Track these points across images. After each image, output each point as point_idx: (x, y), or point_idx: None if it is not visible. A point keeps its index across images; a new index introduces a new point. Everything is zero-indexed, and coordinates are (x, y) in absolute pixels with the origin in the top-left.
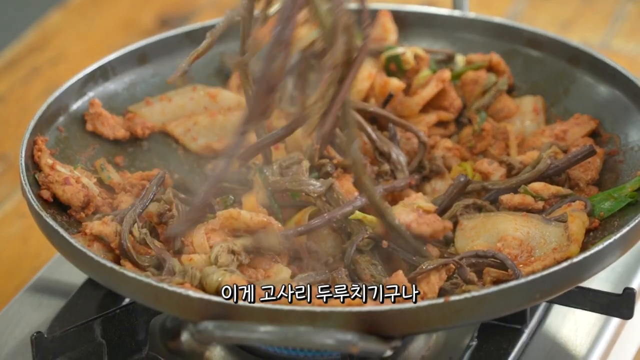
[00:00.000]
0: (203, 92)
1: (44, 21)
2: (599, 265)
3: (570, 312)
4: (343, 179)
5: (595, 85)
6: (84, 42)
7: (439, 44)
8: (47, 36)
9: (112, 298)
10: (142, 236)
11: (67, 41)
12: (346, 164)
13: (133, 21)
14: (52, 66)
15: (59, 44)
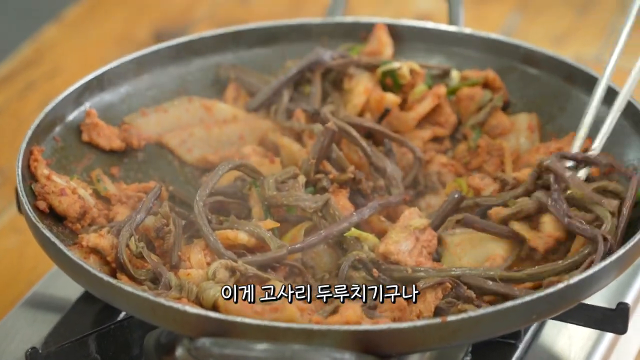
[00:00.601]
0: (199, 103)
1: (39, 36)
2: (595, 287)
3: (564, 327)
4: (339, 194)
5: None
6: (79, 56)
7: (435, 59)
8: (42, 51)
9: (106, 313)
10: (138, 250)
11: (62, 56)
12: (342, 179)
13: (128, 35)
14: (47, 80)
15: (54, 59)
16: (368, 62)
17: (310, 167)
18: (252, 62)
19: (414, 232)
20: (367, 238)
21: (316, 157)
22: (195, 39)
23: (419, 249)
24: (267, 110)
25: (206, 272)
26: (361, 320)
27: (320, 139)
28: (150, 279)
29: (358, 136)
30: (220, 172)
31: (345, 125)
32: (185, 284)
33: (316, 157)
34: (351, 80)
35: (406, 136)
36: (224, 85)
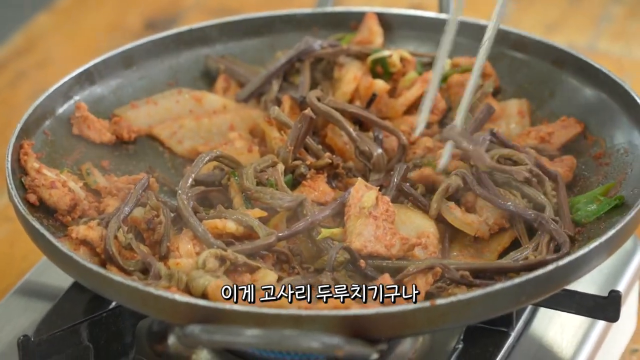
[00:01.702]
0: (188, 95)
1: (30, 25)
2: (585, 268)
3: (556, 315)
4: (317, 179)
5: (581, 88)
6: (71, 45)
7: (425, 47)
8: (33, 40)
9: (98, 301)
10: (127, 241)
11: (53, 45)
12: (319, 164)
13: (119, 24)
14: (38, 69)
15: (46, 48)
16: (358, 50)
17: (287, 155)
18: (242, 53)
19: (370, 212)
20: (336, 234)
21: (293, 144)
22: (185, 31)
23: (382, 228)
24: (257, 101)
25: (196, 262)
26: (350, 305)
27: (297, 126)
28: (140, 270)
29: (343, 119)
30: (200, 164)
31: (330, 109)
32: (175, 273)
33: (293, 144)
34: (341, 69)
35: (395, 122)
36: (214, 76)
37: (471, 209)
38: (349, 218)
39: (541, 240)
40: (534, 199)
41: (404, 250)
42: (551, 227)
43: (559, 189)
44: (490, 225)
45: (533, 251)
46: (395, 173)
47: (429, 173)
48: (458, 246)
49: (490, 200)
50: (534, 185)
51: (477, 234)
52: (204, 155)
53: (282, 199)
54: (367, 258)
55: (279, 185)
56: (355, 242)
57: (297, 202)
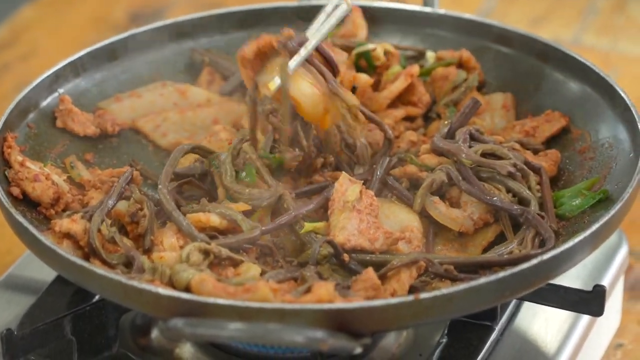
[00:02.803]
0: (172, 88)
1: (15, 17)
2: (569, 263)
3: (540, 309)
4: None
5: (566, 82)
6: (55, 37)
7: (409, 40)
8: (17, 32)
9: (82, 295)
10: (110, 235)
11: (38, 37)
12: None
13: (104, 17)
14: (23, 62)
15: (30, 40)
16: (342, 44)
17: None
18: (228, 47)
19: (354, 206)
20: (319, 228)
21: (250, 123)
22: (170, 24)
23: (366, 222)
24: (241, 94)
25: (179, 255)
26: (334, 298)
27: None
28: (123, 263)
29: None
30: (177, 156)
31: None
32: (159, 267)
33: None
34: None
35: (379, 115)
36: (198, 69)
37: (455, 204)
38: (333, 212)
39: (526, 235)
40: (519, 193)
41: (387, 244)
42: (537, 222)
43: (543, 183)
44: (475, 220)
45: (518, 246)
46: (378, 166)
47: (413, 170)
48: (442, 240)
49: (475, 195)
50: (518, 180)
51: (462, 229)
52: (180, 148)
53: (261, 198)
54: (351, 252)
55: (259, 172)
56: (338, 235)
57: (276, 197)
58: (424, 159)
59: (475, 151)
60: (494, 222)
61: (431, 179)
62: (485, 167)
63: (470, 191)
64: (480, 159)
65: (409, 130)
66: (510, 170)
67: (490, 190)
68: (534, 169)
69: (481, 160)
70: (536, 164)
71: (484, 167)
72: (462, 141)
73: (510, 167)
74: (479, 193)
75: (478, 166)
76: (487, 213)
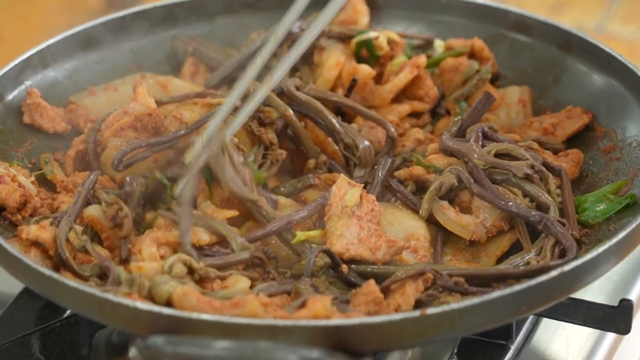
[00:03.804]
0: (153, 80)
1: None
2: (592, 275)
3: (560, 327)
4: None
5: (589, 74)
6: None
7: (416, 28)
8: None
9: (51, 309)
10: (81, 244)
11: (4, 23)
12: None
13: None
14: None
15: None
16: (341, 32)
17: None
18: (212, 34)
19: (353, 212)
20: (314, 237)
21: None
22: (149, 9)
23: (366, 229)
24: (229, 87)
25: (161, 266)
26: (331, 314)
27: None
28: (97, 275)
29: (325, 110)
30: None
31: (310, 98)
32: (137, 278)
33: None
34: (322, 53)
35: (382, 111)
36: (181, 60)
37: (467, 210)
38: (330, 218)
39: (545, 244)
40: (537, 197)
41: (390, 254)
42: (557, 230)
43: (564, 186)
44: (488, 227)
45: (536, 256)
46: (379, 167)
47: (419, 172)
48: (452, 250)
49: (489, 200)
50: (536, 183)
51: (473, 238)
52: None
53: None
54: (350, 263)
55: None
56: (336, 244)
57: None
58: (432, 159)
59: (489, 151)
60: (509, 229)
61: (439, 182)
62: (499, 169)
63: (483, 195)
64: (494, 160)
65: (415, 127)
66: (528, 172)
67: (505, 195)
68: (553, 170)
69: (495, 161)
70: (556, 166)
71: (498, 169)
72: (473, 140)
73: (528, 169)
74: (493, 197)
75: (491, 167)
76: (502, 220)
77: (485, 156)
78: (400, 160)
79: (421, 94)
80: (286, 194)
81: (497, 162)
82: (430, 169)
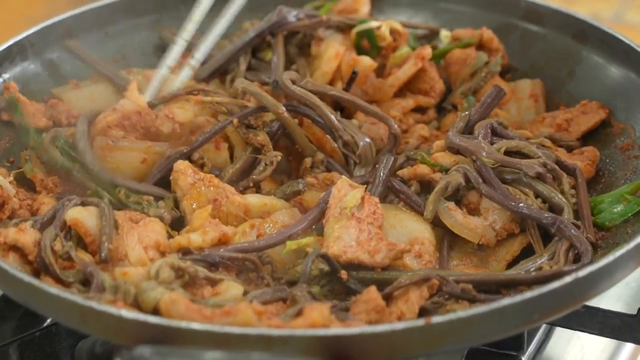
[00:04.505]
0: (140, 75)
1: None
2: (609, 281)
3: (575, 337)
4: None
5: (606, 66)
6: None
7: (420, 17)
8: None
9: (31, 318)
10: (65, 250)
11: None
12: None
13: None
14: None
15: None
16: (340, 21)
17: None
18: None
19: (352, 213)
20: (307, 245)
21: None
22: None
23: (366, 232)
24: (220, 81)
25: (147, 271)
26: (329, 323)
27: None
28: (80, 281)
29: (322, 105)
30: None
31: (307, 93)
32: (122, 285)
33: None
34: (320, 44)
35: (384, 106)
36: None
37: (475, 211)
38: (328, 220)
39: (558, 248)
40: (550, 198)
41: (390, 258)
42: (571, 233)
43: (579, 186)
44: (498, 230)
45: (548, 260)
46: (381, 165)
47: (424, 171)
48: (459, 254)
49: (498, 201)
50: (549, 182)
51: (482, 241)
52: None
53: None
54: (349, 268)
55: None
56: (332, 246)
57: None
58: (437, 157)
59: (498, 148)
60: (520, 232)
61: (445, 182)
62: (509, 168)
63: (492, 196)
64: (504, 158)
65: (419, 123)
66: (540, 171)
67: (515, 195)
68: (567, 169)
69: (505, 159)
70: (570, 164)
71: (508, 168)
72: (482, 137)
73: (540, 168)
74: (503, 198)
75: (501, 166)
76: (512, 222)
77: (494, 154)
78: (403, 158)
79: (426, 87)
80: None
81: (507, 160)
82: (436, 168)
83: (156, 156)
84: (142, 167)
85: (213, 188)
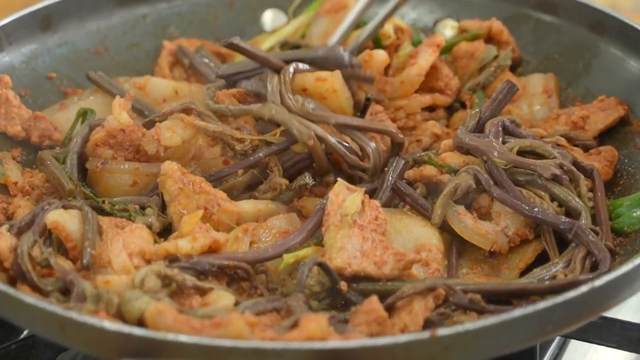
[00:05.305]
0: (128, 84)
1: None
2: (627, 290)
3: (592, 350)
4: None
5: (625, 60)
6: None
7: (425, 6)
8: None
9: (6, 330)
10: (44, 257)
11: None
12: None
13: None
14: None
15: None
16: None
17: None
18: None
19: (354, 220)
20: (304, 257)
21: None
22: None
23: (370, 240)
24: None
25: (132, 279)
26: (327, 335)
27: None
28: (60, 290)
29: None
30: None
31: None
32: (104, 294)
33: None
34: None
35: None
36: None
37: (486, 216)
38: (328, 229)
39: (575, 255)
40: (567, 202)
41: (399, 269)
42: (589, 239)
43: (597, 188)
44: (511, 236)
45: (564, 268)
46: (390, 169)
47: (431, 172)
48: (469, 262)
49: (511, 205)
50: (565, 185)
51: (494, 248)
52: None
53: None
54: (352, 281)
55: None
56: (336, 258)
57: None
58: (446, 157)
59: (511, 148)
60: (535, 238)
61: (454, 184)
62: (523, 169)
63: (505, 199)
64: (517, 158)
65: (430, 120)
66: (556, 173)
67: (529, 199)
68: (584, 171)
69: (518, 159)
70: (588, 165)
71: (521, 169)
72: (493, 135)
73: (556, 169)
74: (516, 202)
75: (514, 167)
76: (526, 227)
77: (506, 154)
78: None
79: (440, 85)
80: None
81: (520, 161)
82: (444, 169)
83: (147, 179)
84: (133, 190)
85: (203, 194)
